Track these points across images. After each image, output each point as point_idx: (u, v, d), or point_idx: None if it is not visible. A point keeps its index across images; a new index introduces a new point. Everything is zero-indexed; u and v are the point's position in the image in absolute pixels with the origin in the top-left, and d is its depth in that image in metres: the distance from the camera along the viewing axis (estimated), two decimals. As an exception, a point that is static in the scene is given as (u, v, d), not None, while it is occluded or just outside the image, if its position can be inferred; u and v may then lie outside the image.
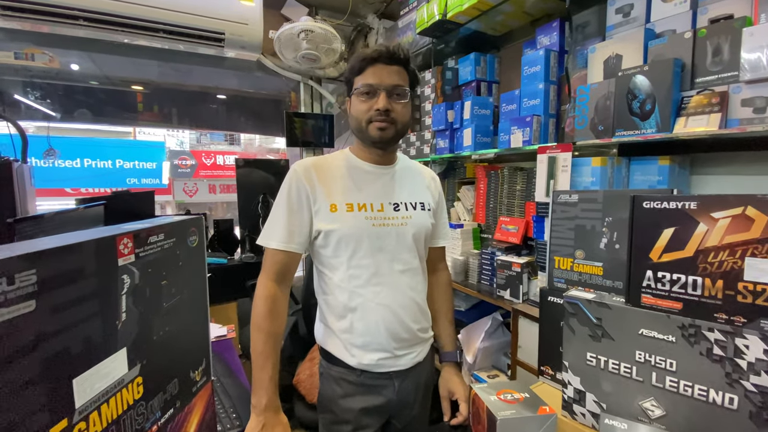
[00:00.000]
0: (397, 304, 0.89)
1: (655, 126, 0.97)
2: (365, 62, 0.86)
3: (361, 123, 0.88)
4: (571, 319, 0.84)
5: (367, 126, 0.88)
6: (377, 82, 0.85)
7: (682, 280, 0.71)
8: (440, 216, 1.05)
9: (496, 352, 1.53)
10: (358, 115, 0.88)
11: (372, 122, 0.87)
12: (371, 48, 0.87)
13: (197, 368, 0.58)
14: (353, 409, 0.91)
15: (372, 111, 0.86)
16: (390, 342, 0.89)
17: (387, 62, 0.86)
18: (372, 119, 0.87)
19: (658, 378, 0.72)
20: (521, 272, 1.33)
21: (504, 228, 1.56)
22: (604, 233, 0.92)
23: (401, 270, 0.90)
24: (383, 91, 0.85)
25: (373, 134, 0.88)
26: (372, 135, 0.88)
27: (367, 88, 0.86)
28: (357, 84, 0.87)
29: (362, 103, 0.87)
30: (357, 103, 0.88)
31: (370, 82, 0.85)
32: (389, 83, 0.86)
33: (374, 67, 0.86)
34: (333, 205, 0.87)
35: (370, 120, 0.87)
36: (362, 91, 0.86)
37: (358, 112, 0.88)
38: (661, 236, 0.73)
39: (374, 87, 0.85)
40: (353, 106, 0.90)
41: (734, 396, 0.64)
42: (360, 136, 0.92)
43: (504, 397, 0.79)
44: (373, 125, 0.87)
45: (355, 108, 0.89)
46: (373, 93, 0.86)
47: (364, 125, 0.88)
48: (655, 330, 0.73)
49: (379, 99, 0.85)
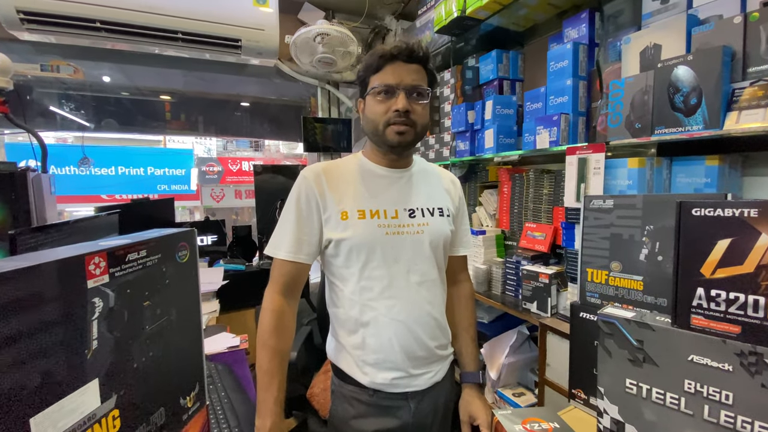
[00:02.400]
0: (412, 320, 0.82)
1: (702, 122, 0.87)
2: (383, 60, 0.79)
3: (378, 126, 0.81)
4: (606, 339, 0.75)
5: (384, 129, 0.81)
6: (396, 82, 0.79)
7: (741, 300, 0.61)
8: (461, 222, 0.97)
9: (522, 368, 1.43)
10: (375, 117, 0.82)
11: (390, 125, 0.80)
12: (389, 44, 0.80)
13: (189, 394, 0.54)
14: (366, 430, 0.85)
15: (390, 112, 0.79)
16: (405, 360, 0.82)
17: (406, 60, 0.80)
18: (390, 122, 0.80)
19: (711, 412, 0.62)
20: (549, 284, 1.23)
21: (530, 235, 1.46)
22: (644, 243, 0.83)
23: (418, 282, 0.84)
24: (402, 91, 0.79)
25: (391, 138, 0.81)
26: (390, 139, 0.81)
27: (386, 87, 0.79)
28: (373, 83, 0.81)
29: (379, 103, 0.80)
30: (373, 103, 0.81)
31: (389, 82, 0.79)
32: (409, 82, 0.79)
33: (393, 65, 0.79)
34: (344, 212, 0.82)
35: (388, 123, 0.80)
36: (380, 91, 0.80)
37: (375, 113, 0.81)
38: (714, 249, 0.63)
39: (393, 86, 0.79)
40: (369, 107, 0.83)
41: (810, 440, 0.54)
42: (375, 140, 0.85)
43: (530, 427, 0.71)
44: (391, 129, 0.81)
45: (371, 109, 0.82)
46: (392, 93, 0.79)
47: (381, 128, 0.81)
48: (708, 357, 0.63)
49: (399, 99, 0.79)
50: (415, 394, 0.85)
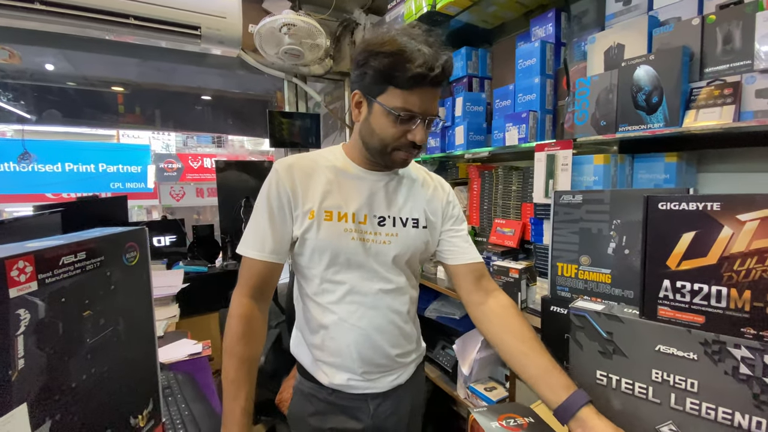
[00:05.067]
0: (373, 327, 0.79)
1: (662, 120, 0.90)
2: (414, 80, 0.68)
3: (387, 147, 0.75)
4: (578, 333, 0.76)
5: (391, 152, 0.76)
6: (421, 111, 0.72)
7: (705, 291, 0.63)
8: (456, 228, 0.90)
9: (494, 363, 1.44)
10: (385, 137, 0.74)
11: (399, 150, 0.76)
12: (421, 58, 0.67)
13: (141, 411, 0.48)
14: (323, 428, 0.84)
15: (404, 139, 0.74)
16: (362, 366, 0.80)
17: (434, 85, 0.72)
18: (401, 148, 0.75)
19: (677, 400, 0.64)
20: (519, 278, 1.24)
21: (499, 231, 1.48)
22: (612, 237, 0.84)
23: (383, 290, 0.80)
24: (423, 122, 0.73)
25: (396, 161, 0.77)
26: (395, 162, 0.78)
27: (408, 116, 0.72)
28: (393, 101, 0.71)
29: (394, 126, 0.73)
30: (386, 122, 0.73)
31: (413, 109, 0.71)
32: (431, 113, 0.73)
33: (422, 90, 0.70)
34: (311, 211, 0.77)
35: (398, 147, 0.75)
36: (400, 116, 0.71)
37: (386, 133, 0.74)
38: (679, 241, 0.65)
39: (417, 115, 0.72)
40: (379, 121, 0.74)
41: (762, 420, 0.56)
42: (374, 154, 0.78)
43: (507, 423, 0.71)
44: (398, 154, 0.76)
45: (381, 126, 0.74)
46: (412, 121, 0.73)
47: (389, 150, 0.76)
48: (674, 346, 0.65)
49: (418, 130, 0.73)
50: (376, 396, 0.84)
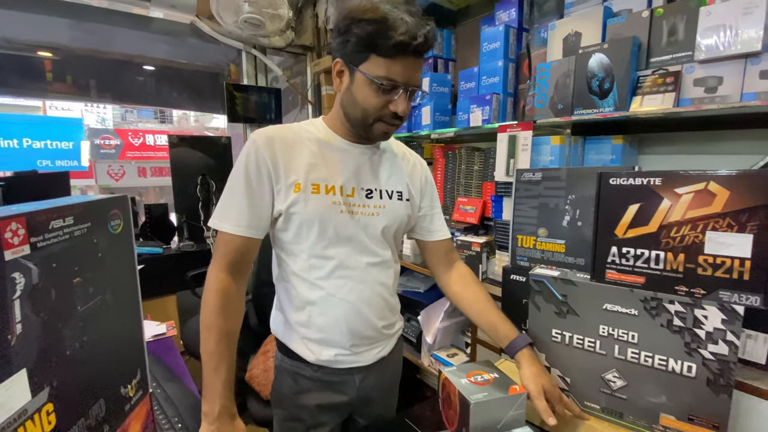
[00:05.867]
0: (362, 300, 0.81)
1: (613, 105, 0.99)
2: (397, 49, 0.68)
3: (368, 118, 0.75)
4: (536, 296, 0.84)
5: (373, 123, 0.76)
6: (404, 81, 0.71)
7: (646, 255, 0.73)
8: (431, 206, 0.94)
9: (455, 331, 1.54)
10: (367, 107, 0.73)
11: (381, 121, 0.75)
12: (404, 26, 0.67)
13: (130, 382, 0.48)
14: (309, 405, 0.84)
15: (387, 110, 0.73)
16: (351, 340, 0.82)
17: (417, 55, 0.71)
18: (383, 119, 0.75)
19: (620, 350, 0.74)
20: (481, 252, 1.33)
21: (462, 209, 1.55)
22: (567, 211, 0.93)
23: (370, 263, 0.82)
24: (405, 92, 0.72)
25: (377, 134, 0.77)
26: (376, 134, 0.77)
27: (391, 85, 0.71)
28: (377, 70, 0.70)
29: (376, 96, 0.72)
30: (368, 92, 0.72)
31: (396, 79, 0.70)
32: (414, 84, 0.73)
33: (405, 59, 0.70)
34: (297, 184, 0.76)
35: (380, 118, 0.75)
36: (381, 82, 0.70)
37: (368, 104, 0.73)
38: (626, 213, 0.74)
39: (399, 85, 0.71)
40: (361, 91, 0.73)
41: (692, 364, 0.67)
42: (356, 125, 0.78)
43: (474, 380, 0.77)
44: (380, 126, 0.76)
45: (363, 96, 0.73)
46: (395, 90, 0.72)
47: (371, 121, 0.75)
48: (619, 304, 0.74)
49: (400, 101, 0.72)
50: (361, 369, 0.86)
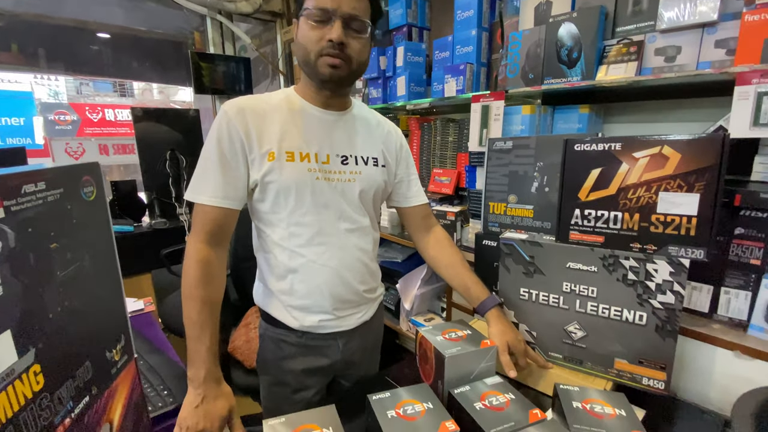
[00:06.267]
0: (343, 266, 0.83)
1: (580, 74, 1.02)
2: None
3: (310, 54, 0.74)
4: (506, 259, 0.89)
5: (316, 60, 0.74)
6: (334, 7, 0.70)
7: (605, 216, 0.78)
8: (406, 172, 0.95)
9: (432, 297, 1.60)
10: (307, 44, 0.73)
11: (323, 56, 0.74)
12: None
13: (115, 346, 0.49)
14: (294, 370, 0.87)
15: (324, 42, 0.72)
16: (333, 304, 0.84)
17: None
18: (323, 52, 0.73)
19: (581, 304, 0.80)
20: (455, 220, 1.37)
21: (437, 180, 1.58)
22: (535, 178, 0.97)
23: (348, 229, 0.84)
24: (339, 20, 0.71)
25: (323, 71, 0.75)
26: (322, 72, 0.75)
27: (321, 14, 0.71)
28: (308, 3, 0.72)
29: (312, 29, 0.72)
30: (306, 28, 0.73)
31: (324, 5, 0.70)
32: (347, 11, 0.71)
33: None
34: (270, 153, 0.76)
35: (320, 53, 0.73)
36: (313, 15, 0.71)
37: (307, 40, 0.73)
38: (588, 177, 0.78)
39: (329, 12, 0.71)
40: (301, 31, 0.74)
41: (643, 313, 0.74)
42: (307, 71, 0.78)
43: (449, 336, 0.82)
44: (323, 60, 0.74)
45: (303, 34, 0.74)
46: (327, 20, 0.71)
47: (313, 58, 0.74)
48: (581, 262, 0.80)
49: (334, 28, 0.71)
50: (344, 334, 0.89)
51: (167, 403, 0.74)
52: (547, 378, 0.85)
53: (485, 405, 0.70)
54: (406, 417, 0.66)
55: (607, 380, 0.80)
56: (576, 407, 0.69)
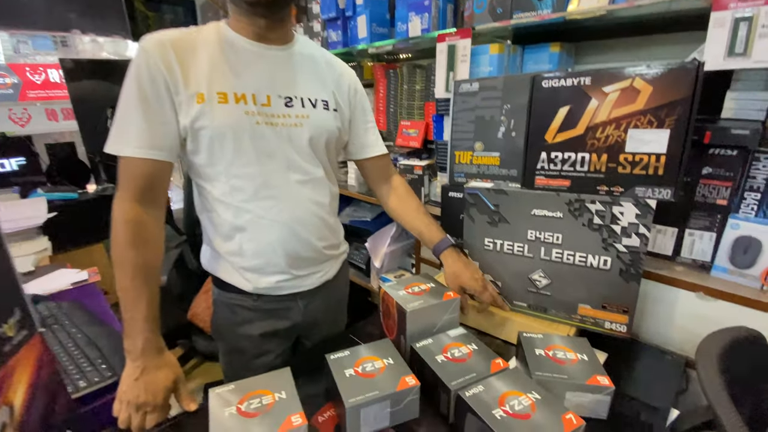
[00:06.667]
0: (296, 221, 0.76)
1: (551, 6, 0.93)
2: None
3: None
4: (471, 209, 0.84)
5: None
6: None
7: (572, 158, 0.73)
8: (362, 119, 0.87)
9: (402, 254, 1.57)
10: None
11: None
12: None
13: (6, 320, 0.41)
14: (252, 335, 0.82)
15: None
16: (289, 263, 0.78)
17: None
18: None
19: (545, 252, 0.78)
20: (423, 174, 1.31)
21: (405, 133, 1.50)
22: (502, 122, 0.90)
23: (300, 181, 0.76)
24: None
25: None
26: None
27: None
28: None
29: None
30: None
31: None
32: None
33: None
34: (199, 94, 0.66)
35: None
36: None
37: None
38: (556, 116, 0.73)
39: None
40: None
41: (608, 258, 0.72)
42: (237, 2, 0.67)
43: (412, 291, 0.79)
44: None
45: None
46: None
47: None
48: (546, 208, 0.76)
49: None
50: (305, 294, 0.84)
51: (105, 377, 0.68)
52: (511, 327, 0.84)
53: (447, 357, 0.68)
54: (365, 374, 0.63)
55: (570, 326, 0.79)
56: (538, 354, 0.67)
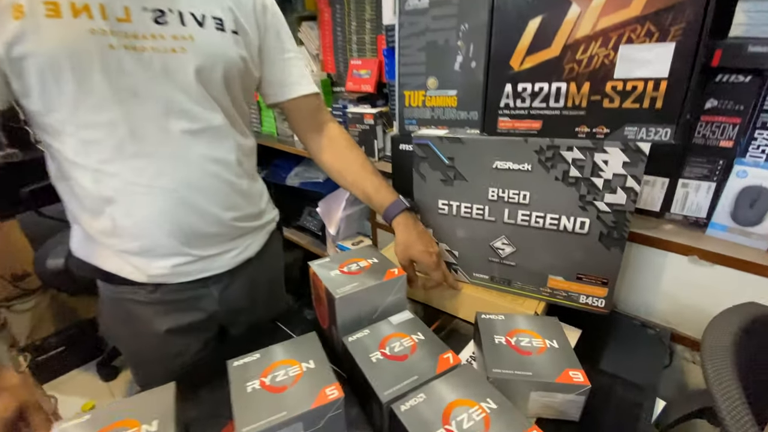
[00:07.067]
0: (186, 186, 0.56)
1: None
2: None
3: None
4: (421, 164, 0.67)
5: None
6: None
7: (545, 91, 0.55)
8: (280, 48, 0.66)
9: (360, 218, 1.40)
10: None
11: None
12: None
13: None
14: (156, 334, 0.65)
15: None
16: (185, 241, 0.59)
17: None
18: None
19: (510, 214, 0.62)
20: (375, 124, 1.11)
21: (356, 74, 1.27)
22: (459, 49, 0.71)
23: (187, 131, 0.55)
24: None
25: None
26: None
27: None
28: None
29: None
30: None
31: None
32: None
33: None
34: (16, 5, 0.44)
35: None
36: None
37: None
38: (525, 32, 0.54)
39: None
40: None
41: (585, 219, 0.57)
42: None
43: (348, 269, 0.63)
44: None
45: None
46: None
47: None
48: (511, 160, 0.59)
49: None
50: (220, 278, 0.66)
51: None
52: (470, 303, 0.70)
53: (385, 354, 0.53)
54: (274, 387, 0.48)
55: (539, 300, 0.66)
56: (498, 343, 0.54)
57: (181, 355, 0.68)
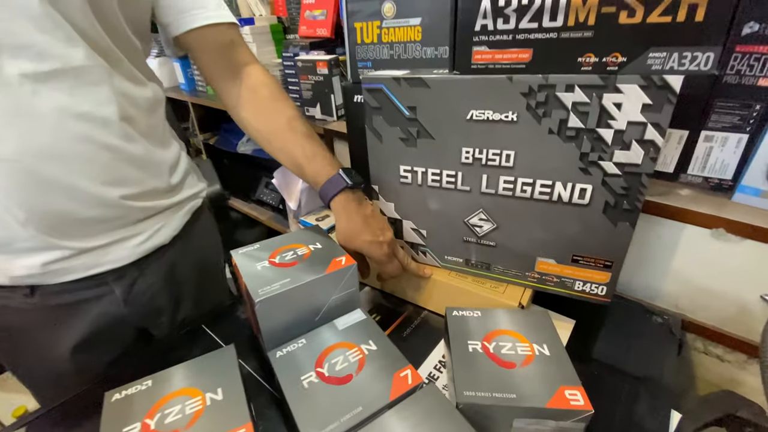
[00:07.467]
0: (34, 153, 0.39)
1: None
2: None
3: None
4: (375, 117, 0.50)
5: None
6: None
7: (537, 4, 0.39)
8: None
9: (322, 188, 1.24)
10: None
11: None
12: None
13: None
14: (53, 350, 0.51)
15: None
16: (49, 231, 0.43)
17: None
18: None
19: (489, 182, 0.47)
20: (330, 74, 0.92)
21: (309, 16, 1.07)
22: (421, -42, 0.53)
23: (30, 74, 0.38)
24: None
25: None
26: None
27: None
28: None
29: None
30: None
31: None
32: None
33: None
34: None
35: None
36: None
37: None
38: None
39: None
40: None
41: (587, 186, 0.42)
42: None
43: (281, 260, 0.48)
44: None
45: None
46: None
47: None
48: (490, 107, 0.43)
49: None
50: (121, 272, 0.51)
51: None
52: (442, 293, 0.57)
53: (321, 375, 0.39)
54: (161, 432, 0.34)
55: (524, 288, 0.53)
56: (472, 352, 0.41)
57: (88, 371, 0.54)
